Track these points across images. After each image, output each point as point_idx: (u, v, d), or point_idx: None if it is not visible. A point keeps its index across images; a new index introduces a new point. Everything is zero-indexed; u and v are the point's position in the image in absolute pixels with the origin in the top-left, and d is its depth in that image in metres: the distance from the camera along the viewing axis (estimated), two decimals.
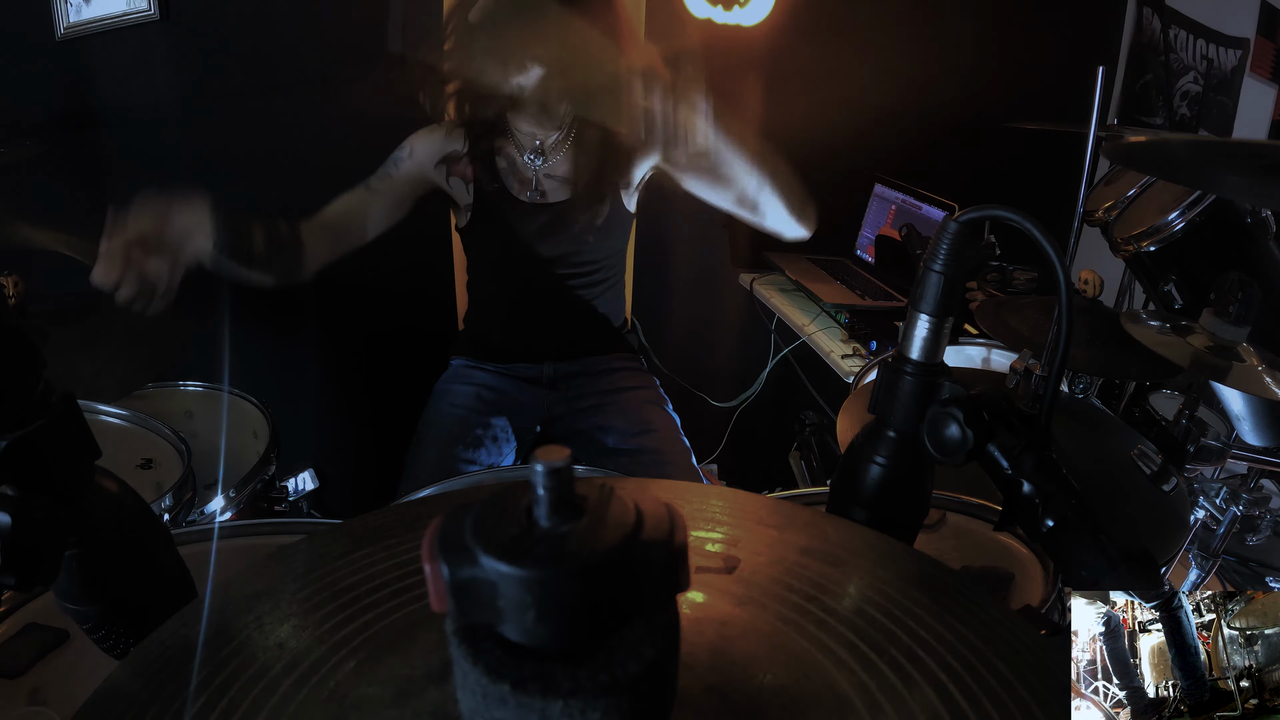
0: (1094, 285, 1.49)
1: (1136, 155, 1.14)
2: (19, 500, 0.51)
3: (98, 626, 0.62)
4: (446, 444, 1.64)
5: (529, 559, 0.30)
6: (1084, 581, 0.62)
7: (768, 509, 0.57)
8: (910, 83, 2.49)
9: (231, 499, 1.38)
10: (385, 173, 1.64)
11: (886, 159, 2.67)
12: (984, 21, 2.61)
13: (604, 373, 1.82)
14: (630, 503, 0.33)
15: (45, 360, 0.56)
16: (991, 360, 2.03)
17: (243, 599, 0.47)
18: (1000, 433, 0.65)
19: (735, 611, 0.45)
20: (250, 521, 1.15)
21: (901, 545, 0.53)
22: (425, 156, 1.65)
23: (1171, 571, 1.48)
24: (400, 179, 1.64)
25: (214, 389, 1.72)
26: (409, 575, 0.49)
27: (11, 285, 1.41)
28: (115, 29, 2.06)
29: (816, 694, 0.39)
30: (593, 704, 0.31)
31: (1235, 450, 1.51)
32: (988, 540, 1.12)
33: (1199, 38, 2.59)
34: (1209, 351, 1.30)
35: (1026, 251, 1.78)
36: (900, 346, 0.70)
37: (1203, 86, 2.60)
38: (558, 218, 1.67)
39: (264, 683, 0.41)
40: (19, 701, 0.81)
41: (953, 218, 0.66)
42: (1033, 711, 0.39)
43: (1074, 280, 1.52)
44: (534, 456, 0.32)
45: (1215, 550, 1.66)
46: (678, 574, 0.33)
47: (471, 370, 1.82)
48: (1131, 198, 1.78)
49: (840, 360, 2.12)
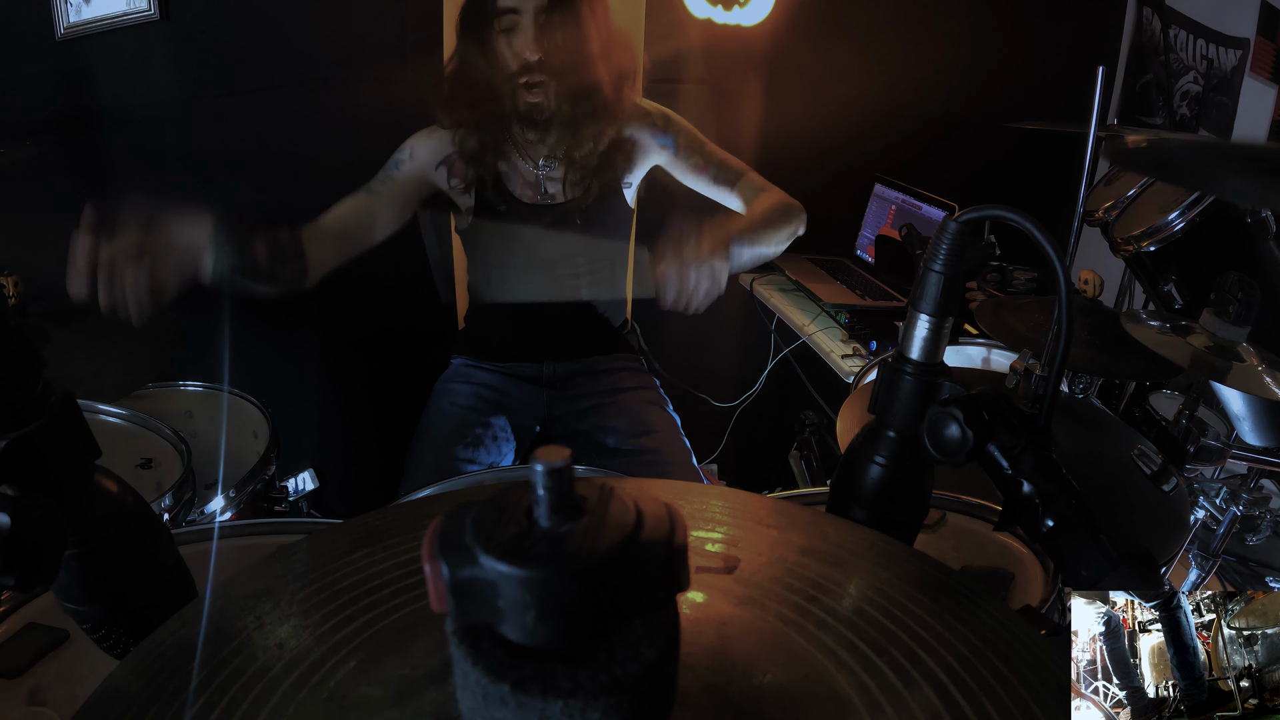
0: (1094, 285, 1.49)
1: (1137, 157, 1.14)
2: (19, 500, 0.51)
3: (98, 626, 0.62)
4: (446, 443, 1.64)
5: (529, 559, 0.30)
6: (1084, 581, 0.62)
7: (768, 509, 0.57)
8: (910, 82, 2.49)
9: (231, 499, 1.38)
10: (386, 176, 1.61)
11: (886, 159, 2.66)
12: (984, 21, 2.61)
13: (604, 373, 1.82)
14: (630, 503, 0.33)
15: (45, 360, 0.56)
16: (991, 360, 2.03)
17: (243, 599, 0.47)
18: (1000, 433, 0.65)
19: (735, 611, 0.45)
20: (250, 521, 1.15)
21: (901, 545, 0.53)
22: (426, 158, 1.63)
23: (1171, 571, 1.48)
24: (402, 182, 1.62)
25: (214, 389, 1.72)
26: (409, 575, 0.49)
27: (11, 285, 1.41)
28: (115, 29, 2.06)
29: (816, 694, 0.39)
30: (593, 704, 0.31)
31: (1235, 450, 1.51)
32: (988, 540, 1.12)
33: (1199, 38, 2.59)
34: (1209, 351, 1.30)
35: (1026, 251, 1.78)
36: (900, 346, 0.70)
37: (1203, 86, 2.60)
38: (560, 219, 1.67)
39: (264, 683, 0.41)
40: (19, 701, 0.81)
41: (953, 218, 0.66)
42: (1033, 711, 0.39)
43: (1074, 280, 1.52)
44: (534, 456, 0.32)
45: (1215, 550, 1.65)
46: (678, 574, 0.33)
47: (472, 370, 1.82)
48: (1131, 198, 1.78)
49: (840, 360, 2.12)
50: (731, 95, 2.52)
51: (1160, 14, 2.71)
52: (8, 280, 1.40)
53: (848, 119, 2.43)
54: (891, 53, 2.50)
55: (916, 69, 2.50)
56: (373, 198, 1.58)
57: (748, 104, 2.52)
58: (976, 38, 2.59)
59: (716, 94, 2.53)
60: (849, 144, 2.53)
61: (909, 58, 2.49)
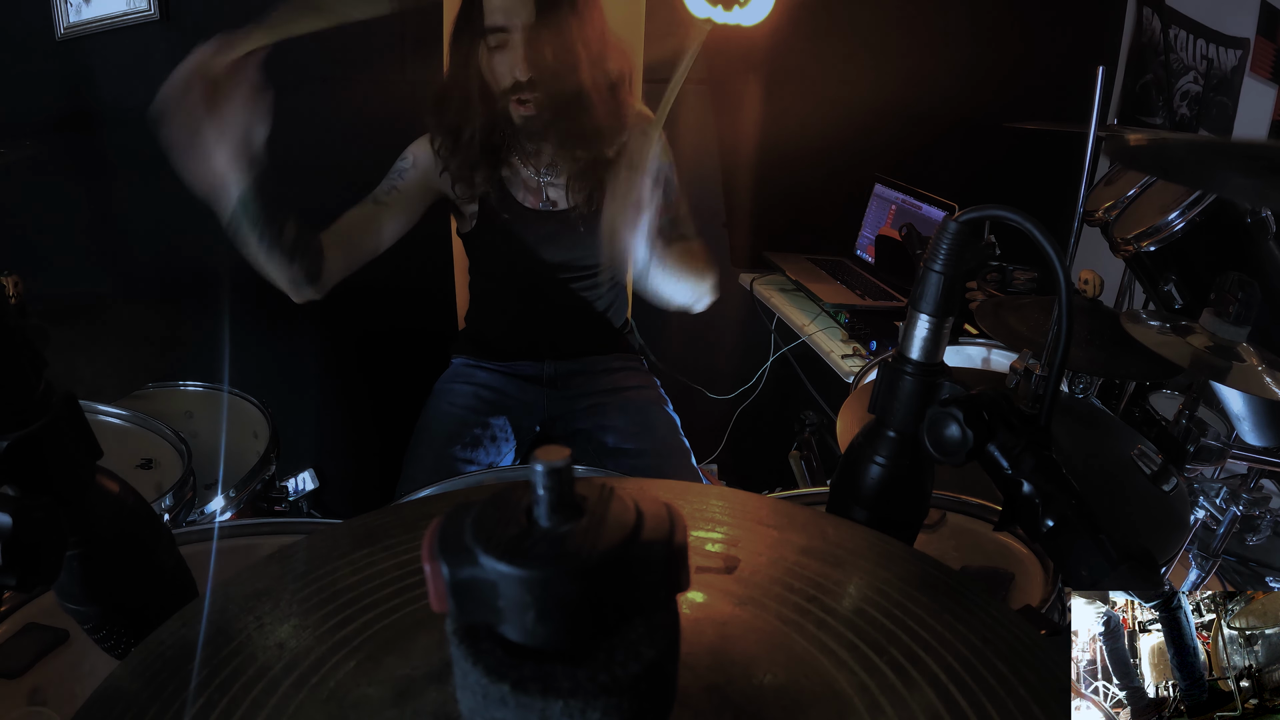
0: (1094, 285, 1.49)
1: (1137, 155, 1.14)
2: (19, 500, 0.51)
3: (98, 626, 0.62)
4: (444, 443, 1.64)
5: (529, 559, 0.30)
6: (1084, 581, 0.62)
7: (768, 509, 0.57)
8: (910, 82, 2.49)
9: (231, 499, 1.38)
10: (391, 185, 1.61)
11: (886, 159, 2.66)
12: (983, 21, 2.61)
13: (604, 372, 1.82)
14: (630, 503, 0.33)
15: (45, 360, 0.56)
16: (991, 360, 2.03)
17: (243, 599, 0.47)
18: (1000, 433, 0.65)
19: (735, 611, 0.45)
20: (250, 521, 1.15)
21: (901, 545, 0.53)
22: (428, 164, 1.63)
23: (1171, 571, 1.48)
24: (407, 191, 1.61)
25: (214, 389, 1.72)
26: (409, 575, 0.49)
27: (11, 285, 1.41)
28: (115, 29, 2.06)
29: (816, 694, 0.39)
30: (593, 704, 0.31)
31: (1235, 450, 1.51)
32: (988, 540, 1.12)
33: (1199, 38, 2.59)
34: (1209, 351, 1.30)
35: (1026, 251, 1.78)
36: (900, 346, 0.70)
37: (1203, 86, 2.60)
38: (562, 224, 1.67)
39: (264, 683, 0.41)
40: (19, 701, 0.81)
41: (953, 218, 0.66)
42: (1033, 711, 0.39)
43: (1074, 280, 1.52)
44: (534, 456, 0.32)
45: (1215, 550, 1.65)
46: (678, 574, 0.33)
47: (472, 370, 1.82)
48: (1131, 198, 1.78)
49: (840, 360, 2.13)
50: (731, 95, 2.52)
51: (1160, 14, 2.72)
52: (8, 280, 1.40)
53: (848, 119, 2.43)
54: (891, 53, 2.50)
55: (916, 69, 2.50)
56: (379, 208, 1.57)
57: (748, 104, 2.52)
58: (976, 38, 2.59)
59: (716, 94, 2.53)
60: (849, 144, 2.53)
61: (909, 58, 2.49)
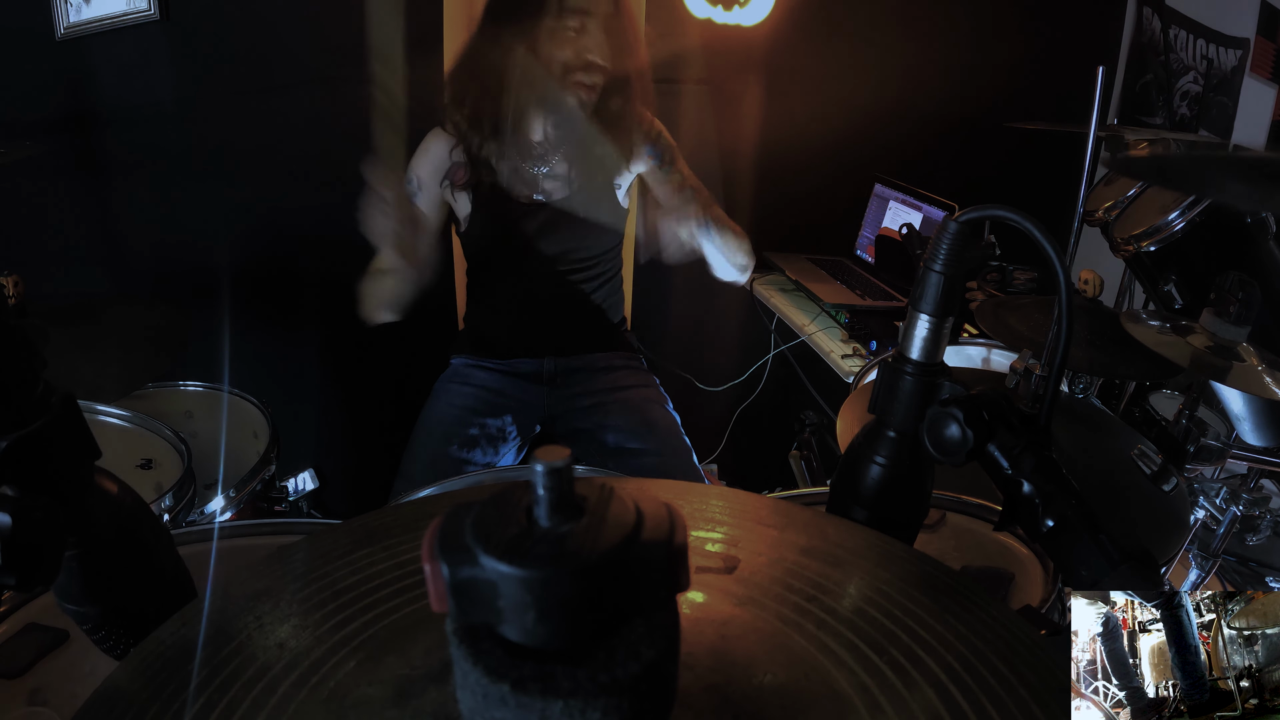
0: (1094, 285, 1.49)
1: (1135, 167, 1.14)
2: (19, 500, 0.51)
3: (98, 627, 0.62)
4: (441, 443, 1.65)
5: (529, 559, 0.30)
6: (1084, 581, 0.62)
7: (768, 509, 0.57)
8: (910, 82, 2.49)
9: (231, 499, 1.38)
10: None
11: (886, 159, 2.66)
12: (984, 21, 2.61)
13: (604, 370, 1.82)
14: (630, 503, 0.33)
15: (45, 360, 0.56)
16: (991, 360, 2.03)
17: (243, 599, 0.47)
18: (1000, 433, 0.65)
19: (735, 611, 0.45)
20: (250, 521, 1.15)
21: (901, 545, 0.53)
22: (430, 180, 1.68)
23: (1171, 571, 1.48)
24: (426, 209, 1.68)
25: (214, 389, 1.72)
26: (409, 575, 0.49)
27: (11, 285, 1.40)
28: (115, 29, 2.06)
29: (816, 694, 0.39)
30: (593, 704, 0.31)
31: (1235, 450, 1.51)
32: (988, 540, 1.12)
33: (1199, 38, 2.59)
34: (1209, 351, 1.30)
35: (1026, 251, 1.78)
36: (900, 346, 0.70)
37: (1203, 86, 2.59)
38: (557, 216, 1.68)
39: (264, 683, 0.41)
40: (19, 701, 0.81)
41: (953, 218, 0.66)
42: (1033, 711, 0.39)
43: (1074, 280, 1.52)
44: (534, 456, 0.32)
45: (1215, 550, 1.65)
46: (678, 574, 0.33)
47: (472, 369, 1.82)
48: (1131, 198, 1.78)
49: (840, 360, 2.12)
50: (731, 95, 2.52)
51: (1160, 14, 2.71)
52: (8, 280, 1.40)
53: (848, 119, 2.43)
54: (891, 53, 2.50)
55: (916, 69, 2.50)
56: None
57: (748, 104, 2.52)
58: (976, 38, 2.59)
59: (716, 94, 2.52)
60: (849, 144, 2.53)
61: (909, 58, 2.49)
